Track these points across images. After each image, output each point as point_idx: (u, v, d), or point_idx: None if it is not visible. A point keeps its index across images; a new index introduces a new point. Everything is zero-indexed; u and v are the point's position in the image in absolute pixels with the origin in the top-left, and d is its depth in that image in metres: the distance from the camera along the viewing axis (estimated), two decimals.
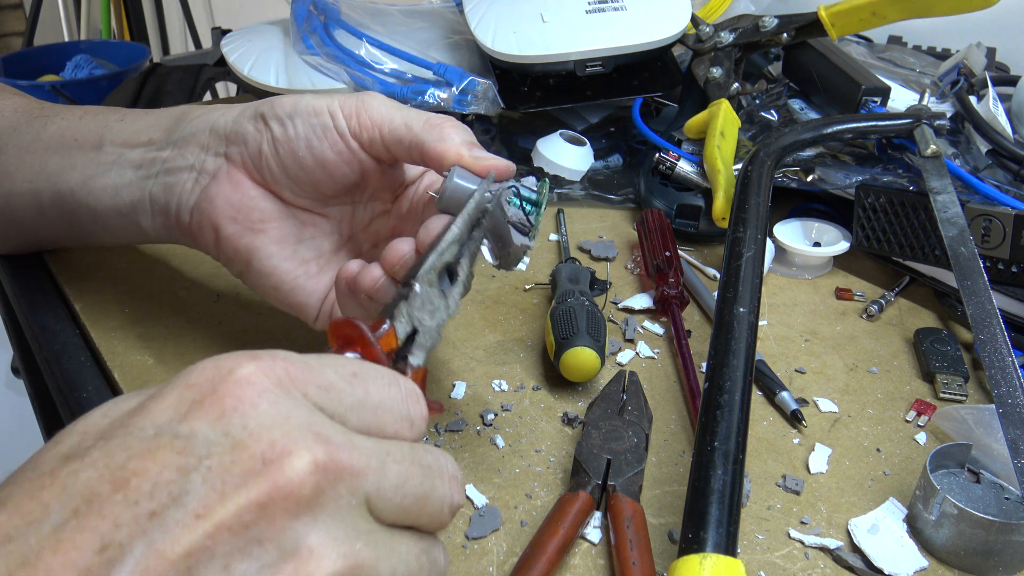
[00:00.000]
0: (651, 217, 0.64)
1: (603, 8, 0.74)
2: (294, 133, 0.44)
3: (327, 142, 0.44)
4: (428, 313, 0.34)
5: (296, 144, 0.44)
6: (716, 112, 0.67)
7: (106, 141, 0.50)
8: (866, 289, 0.63)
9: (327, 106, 0.44)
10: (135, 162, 0.49)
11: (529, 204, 0.45)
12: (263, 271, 0.47)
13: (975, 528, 0.38)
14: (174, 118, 0.49)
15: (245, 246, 0.46)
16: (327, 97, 0.45)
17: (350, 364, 0.28)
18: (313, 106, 0.44)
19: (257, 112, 0.46)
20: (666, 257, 0.59)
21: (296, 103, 0.45)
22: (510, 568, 0.38)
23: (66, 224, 0.54)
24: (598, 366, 0.49)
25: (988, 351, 0.46)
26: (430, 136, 0.43)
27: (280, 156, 0.45)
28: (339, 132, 0.44)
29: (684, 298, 0.58)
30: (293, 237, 0.47)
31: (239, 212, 0.46)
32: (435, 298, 0.34)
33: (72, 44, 2.13)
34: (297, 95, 0.46)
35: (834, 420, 0.49)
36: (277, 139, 0.45)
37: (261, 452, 0.23)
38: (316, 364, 0.26)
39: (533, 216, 0.45)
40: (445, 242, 0.36)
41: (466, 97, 0.73)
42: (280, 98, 0.45)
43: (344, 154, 0.45)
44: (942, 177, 0.58)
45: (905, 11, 0.66)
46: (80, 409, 0.48)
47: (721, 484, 0.36)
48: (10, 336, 0.76)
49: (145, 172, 0.49)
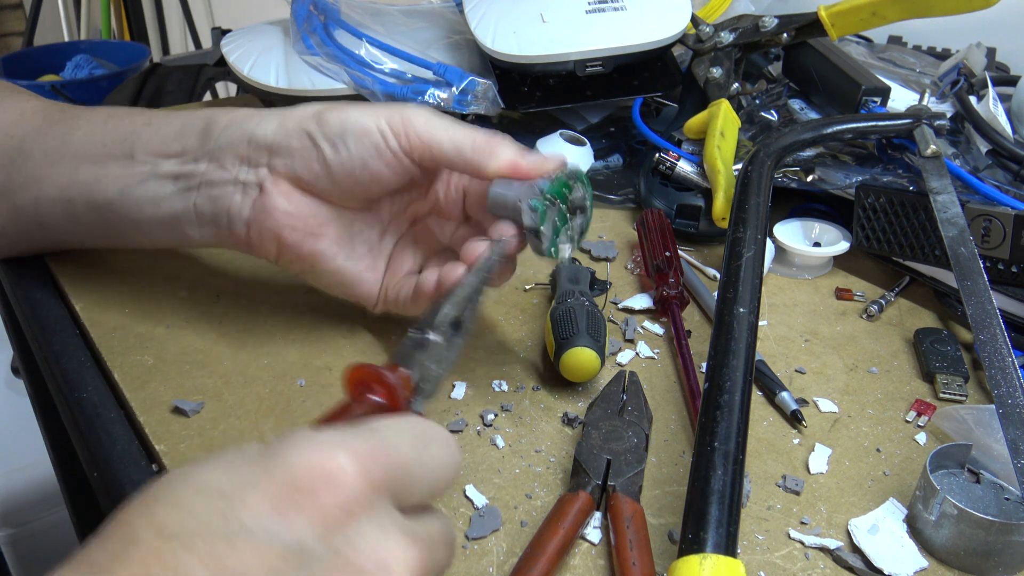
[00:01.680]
0: (651, 217, 0.64)
1: (603, 8, 0.74)
2: (347, 155, 0.46)
3: (381, 161, 0.46)
4: (435, 362, 0.35)
5: (352, 165, 0.46)
6: (716, 112, 0.67)
7: (137, 149, 0.51)
8: (866, 289, 0.63)
9: (376, 126, 0.46)
10: (172, 174, 0.50)
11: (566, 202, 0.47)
12: (329, 271, 0.50)
13: (975, 528, 0.38)
14: (203, 125, 0.50)
15: (309, 251, 0.49)
16: (373, 113, 0.46)
17: (411, 427, 0.29)
18: (363, 125, 0.46)
19: (302, 128, 0.47)
20: (666, 257, 0.59)
21: (344, 123, 0.46)
22: (510, 568, 0.38)
23: (104, 231, 0.55)
24: (598, 366, 0.49)
25: (988, 351, 0.46)
26: (482, 158, 0.46)
27: (333, 174, 0.47)
28: (392, 152, 0.46)
29: (684, 298, 0.58)
30: (347, 235, 0.50)
31: (297, 221, 0.48)
32: (443, 348, 0.36)
33: (72, 44, 2.13)
34: (339, 109, 0.47)
35: (834, 420, 0.49)
36: (329, 160, 0.46)
37: (363, 565, 0.24)
38: (392, 441, 0.28)
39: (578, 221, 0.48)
40: (460, 295, 0.38)
41: (466, 97, 0.73)
42: (325, 115, 0.47)
43: (396, 169, 0.47)
44: (942, 177, 0.58)
45: (905, 11, 0.66)
46: (80, 409, 0.49)
47: (721, 484, 0.36)
48: (10, 336, 0.76)
49: (185, 184, 0.50)
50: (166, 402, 0.48)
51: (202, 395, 0.49)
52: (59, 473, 0.93)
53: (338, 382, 0.51)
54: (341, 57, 0.75)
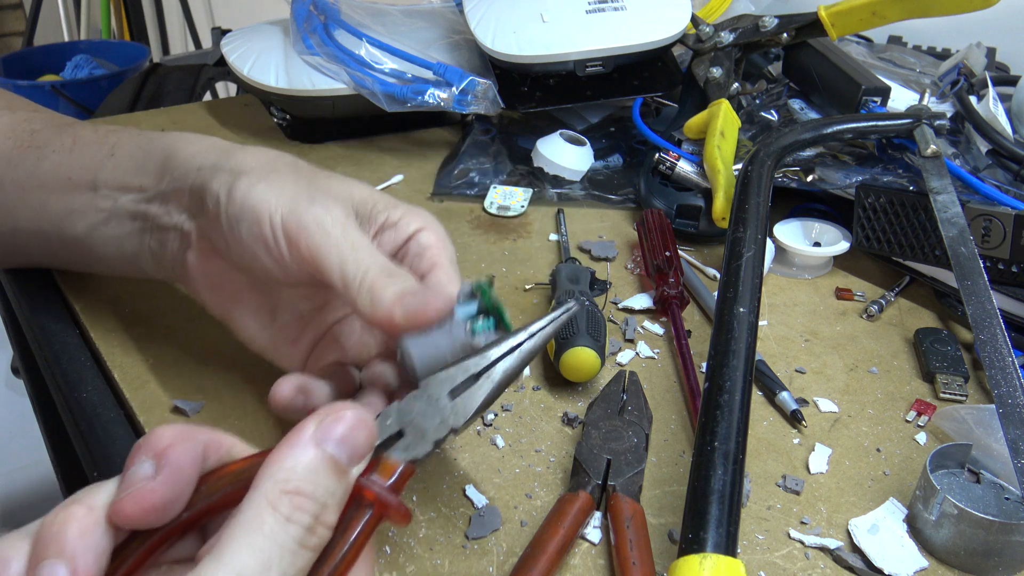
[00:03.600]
0: (651, 217, 0.64)
1: (603, 8, 0.74)
2: (239, 241, 0.41)
3: (270, 257, 0.41)
4: (422, 418, 0.32)
5: (243, 251, 0.41)
6: (716, 112, 0.67)
7: (100, 183, 0.49)
8: (866, 289, 0.63)
9: (270, 219, 0.40)
10: (131, 213, 0.48)
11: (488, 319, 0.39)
12: (244, 338, 0.46)
13: (975, 528, 0.38)
14: (161, 159, 0.47)
15: (223, 314, 0.46)
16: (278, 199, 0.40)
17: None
18: (257, 215, 0.40)
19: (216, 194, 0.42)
20: (666, 257, 0.59)
21: (244, 202, 0.40)
22: (510, 568, 0.38)
23: (78, 263, 0.55)
24: (598, 366, 0.49)
25: (988, 351, 0.46)
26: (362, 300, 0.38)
27: (233, 253, 0.42)
28: (280, 252, 0.40)
29: (684, 298, 0.58)
30: (269, 305, 0.46)
31: (213, 283, 0.45)
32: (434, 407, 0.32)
33: (72, 44, 2.13)
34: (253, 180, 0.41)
35: (834, 420, 0.49)
36: (227, 239, 0.42)
37: None
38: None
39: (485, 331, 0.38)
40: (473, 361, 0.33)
41: (466, 97, 0.73)
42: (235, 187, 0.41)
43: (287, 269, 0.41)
44: (942, 177, 0.58)
45: (905, 11, 0.66)
46: (80, 409, 0.49)
47: (721, 484, 0.36)
48: (10, 336, 0.76)
49: (140, 225, 0.48)
50: (166, 402, 0.48)
51: (202, 395, 0.49)
52: (59, 473, 0.93)
53: None
54: (341, 57, 0.75)
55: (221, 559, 0.26)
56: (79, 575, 0.26)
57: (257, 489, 0.27)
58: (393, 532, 0.41)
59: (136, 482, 0.28)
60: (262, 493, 0.27)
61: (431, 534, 0.41)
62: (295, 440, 0.28)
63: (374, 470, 0.30)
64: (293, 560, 0.27)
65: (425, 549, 0.40)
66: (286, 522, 0.27)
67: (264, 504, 0.27)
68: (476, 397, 0.33)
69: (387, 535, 0.41)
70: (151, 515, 0.28)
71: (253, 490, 0.27)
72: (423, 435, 0.32)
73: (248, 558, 0.26)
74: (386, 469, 0.30)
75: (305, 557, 0.27)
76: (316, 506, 0.27)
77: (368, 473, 0.30)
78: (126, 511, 0.27)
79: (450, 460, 0.45)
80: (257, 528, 0.26)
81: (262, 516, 0.26)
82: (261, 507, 0.27)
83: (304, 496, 0.27)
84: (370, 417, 0.30)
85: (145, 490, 0.28)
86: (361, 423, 0.29)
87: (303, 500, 0.27)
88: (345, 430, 0.29)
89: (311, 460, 0.28)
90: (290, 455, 0.28)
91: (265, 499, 0.27)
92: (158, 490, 0.28)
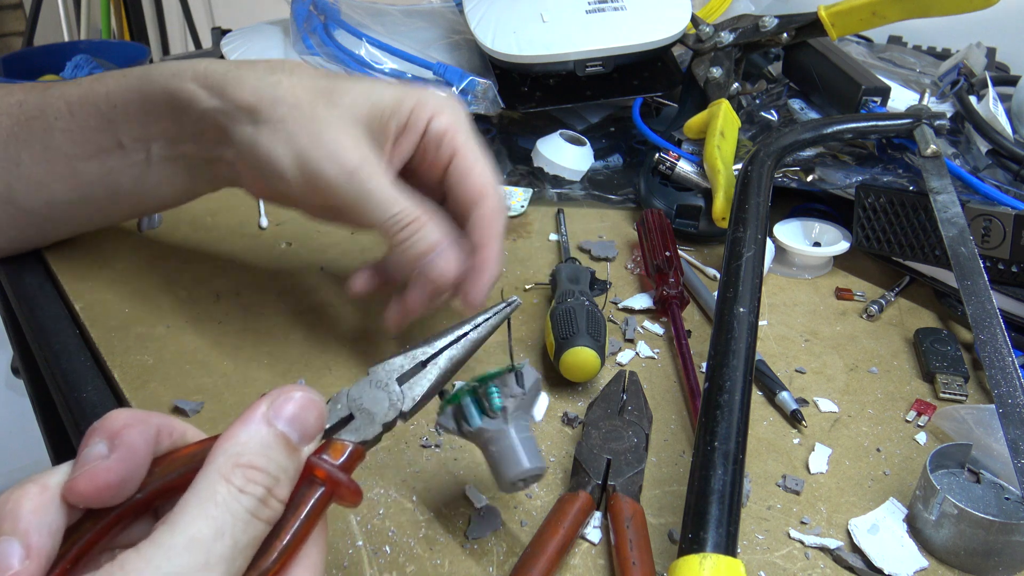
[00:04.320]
0: (651, 217, 0.64)
1: (603, 8, 0.74)
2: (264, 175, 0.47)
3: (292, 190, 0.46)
4: (371, 403, 0.33)
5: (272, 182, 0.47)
6: (716, 112, 0.67)
7: (123, 138, 0.52)
8: (866, 289, 0.63)
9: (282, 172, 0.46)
10: (169, 157, 0.52)
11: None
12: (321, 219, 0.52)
13: (975, 528, 0.38)
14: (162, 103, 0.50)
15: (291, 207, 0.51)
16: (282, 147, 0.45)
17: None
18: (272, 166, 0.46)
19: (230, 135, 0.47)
20: (666, 257, 0.59)
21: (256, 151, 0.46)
22: (510, 568, 0.38)
23: (130, 213, 0.59)
24: (598, 366, 0.49)
25: (988, 351, 0.46)
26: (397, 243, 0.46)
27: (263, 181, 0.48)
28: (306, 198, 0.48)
29: (684, 298, 0.58)
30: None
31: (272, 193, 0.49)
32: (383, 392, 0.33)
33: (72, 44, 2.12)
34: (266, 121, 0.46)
35: (834, 420, 0.49)
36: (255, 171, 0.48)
37: None
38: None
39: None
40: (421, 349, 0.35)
41: (466, 97, 0.73)
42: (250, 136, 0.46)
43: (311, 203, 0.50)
44: (942, 177, 0.58)
45: (905, 11, 0.66)
46: (80, 409, 0.48)
47: (721, 484, 0.36)
48: (10, 336, 0.76)
49: (186, 164, 0.52)
50: (166, 402, 0.48)
51: (202, 395, 0.49)
52: None
53: (339, 382, 0.51)
54: (341, 57, 0.75)
55: (175, 527, 0.26)
56: (32, 551, 0.27)
57: (211, 463, 0.28)
58: (393, 532, 0.41)
59: (90, 461, 0.28)
60: (215, 467, 0.28)
61: (431, 534, 0.41)
62: (247, 418, 0.29)
63: (325, 451, 0.31)
64: (246, 528, 0.27)
65: (425, 549, 0.40)
66: (239, 493, 0.27)
67: (217, 476, 0.27)
68: (423, 383, 0.34)
69: (387, 535, 0.41)
70: (105, 493, 0.28)
71: (207, 465, 0.28)
72: (372, 419, 0.33)
73: (202, 525, 0.26)
74: (336, 450, 0.31)
75: (258, 527, 0.28)
76: (269, 479, 0.28)
77: (319, 454, 0.31)
78: (80, 488, 0.28)
79: (450, 460, 0.45)
80: (210, 498, 0.27)
81: (215, 487, 0.27)
82: (214, 479, 0.27)
83: (257, 469, 0.28)
84: (320, 399, 0.31)
85: (99, 468, 0.28)
86: (311, 403, 0.30)
87: (256, 473, 0.28)
88: (296, 409, 0.29)
89: (263, 436, 0.29)
90: (243, 431, 0.29)
91: (218, 472, 0.27)
92: (112, 468, 0.28)
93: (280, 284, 0.60)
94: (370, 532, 0.41)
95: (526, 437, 0.37)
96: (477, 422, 0.37)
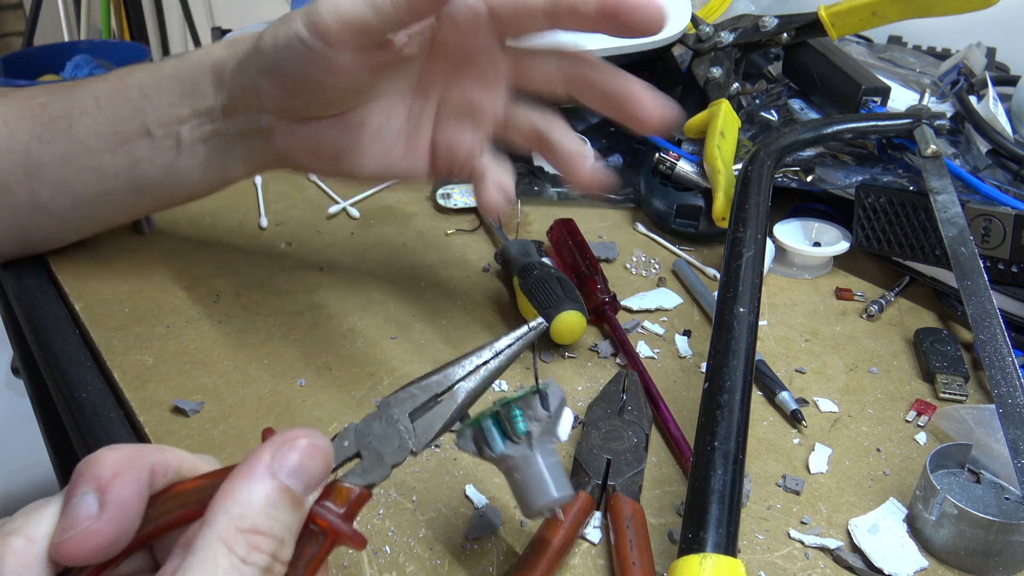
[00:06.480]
0: (559, 228, 0.64)
1: None
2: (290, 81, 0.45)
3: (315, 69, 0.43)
4: (380, 440, 0.31)
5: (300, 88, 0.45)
6: (716, 112, 0.67)
7: (151, 125, 0.51)
8: (866, 289, 0.63)
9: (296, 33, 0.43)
10: (202, 138, 0.51)
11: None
12: (364, 177, 0.50)
13: (975, 528, 0.38)
14: (202, 78, 0.50)
15: (332, 170, 0.50)
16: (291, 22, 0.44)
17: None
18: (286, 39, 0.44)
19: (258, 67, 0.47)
20: (588, 264, 0.59)
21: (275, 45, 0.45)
22: (510, 568, 0.38)
23: (157, 205, 0.57)
24: (585, 326, 0.52)
25: (988, 351, 0.46)
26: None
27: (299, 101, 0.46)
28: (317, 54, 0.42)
29: (617, 303, 0.57)
30: (367, 137, 0.49)
31: (311, 150, 0.49)
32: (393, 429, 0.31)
33: (72, 44, 2.12)
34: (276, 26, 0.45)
35: (834, 420, 0.49)
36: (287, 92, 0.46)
37: None
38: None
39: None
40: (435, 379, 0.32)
41: None
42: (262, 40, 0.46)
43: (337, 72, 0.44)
44: (942, 177, 0.58)
45: (905, 11, 0.66)
46: (80, 409, 0.48)
47: (721, 484, 0.36)
48: (10, 336, 0.76)
49: (220, 143, 0.51)
50: (166, 402, 0.48)
51: (202, 395, 0.49)
52: (59, 473, 0.93)
53: (339, 382, 0.51)
54: None
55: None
56: None
57: (211, 526, 0.26)
58: (393, 532, 0.41)
59: (80, 521, 0.26)
60: (215, 531, 0.25)
61: (431, 534, 0.41)
62: (249, 472, 0.27)
63: (328, 496, 0.29)
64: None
65: (425, 549, 0.40)
66: (242, 564, 0.25)
67: (219, 544, 0.25)
68: (437, 420, 0.32)
69: (387, 535, 0.41)
70: (96, 555, 0.26)
71: (206, 527, 0.26)
72: (380, 459, 0.31)
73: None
74: (340, 495, 0.29)
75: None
76: (273, 544, 0.26)
77: (322, 499, 0.29)
78: (69, 552, 0.26)
79: (450, 460, 0.45)
80: (211, 571, 0.25)
81: (217, 557, 0.25)
82: (215, 548, 0.25)
83: (261, 534, 0.26)
84: (326, 443, 0.29)
85: (90, 531, 0.26)
86: (316, 450, 0.28)
87: (260, 539, 0.26)
88: (301, 458, 0.27)
89: (268, 494, 0.26)
90: (245, 487, 0.26)
91: (219, 538, 0.25)
92: (103, 530, 0.26)
93: (280, 284, 0.60)
94: (370, 532, 0.41)
95: (553, 463, 0.35)
96: (500, 448, 0.34)
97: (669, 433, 0.47)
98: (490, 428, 0.35)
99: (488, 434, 0.34)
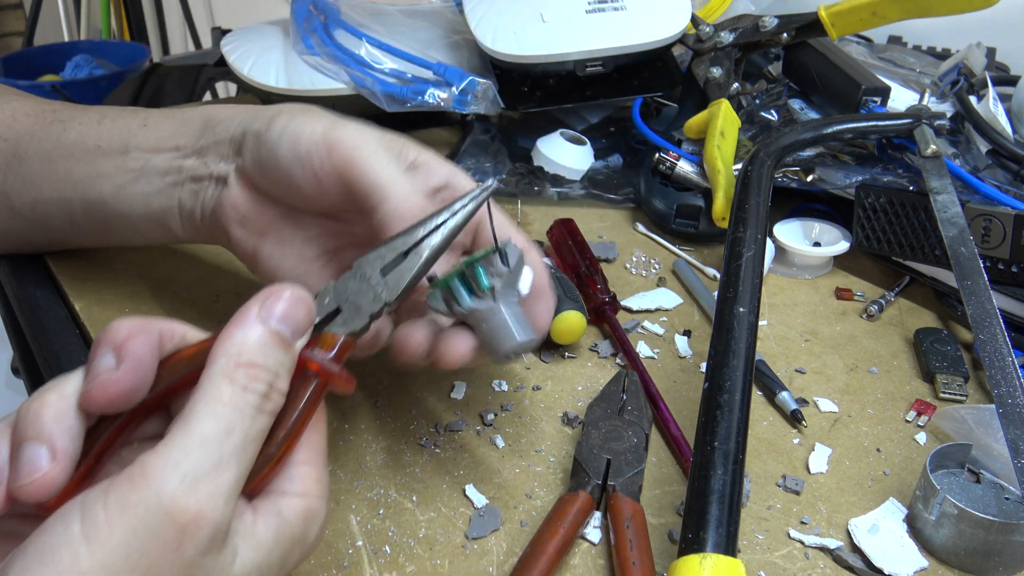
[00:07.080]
0: (559, 228, 0.64)
1: (603, 8, 0.74)
2: (276, 162, 0.44)
3: (303, 176, 0.43)
4: (357, 295, 0.35)
5: (279, 174, 0.44)
6: (716, 112, 0.67)
7: (131, 146, 0.51)
8: (866, 289, 0.63)
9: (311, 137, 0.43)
10: (162, 169, 0.50)
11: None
12: (268, 270, 0.48)
13: (975, 528, 0.38)
14: (200, 124, 0.49)
15: (251, 249, 0.48)
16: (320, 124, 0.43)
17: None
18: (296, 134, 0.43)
19: (252, 129, 0.46)
20: (588, 263, 0.59)
21: (286, 127, 0.44)
22: (510, 568, 0.38)
23: (98, 231, 0.55)
24: (585, 325, 0.52)
25: (988, 351, 0.46)
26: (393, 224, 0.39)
27: (269, 178, 0.45)
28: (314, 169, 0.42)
29: (617, 303, 0.57)
30: (298, 239, 0.48)
31: (244, 218, 0.47)
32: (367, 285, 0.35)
33: (72, 44, 2.13)
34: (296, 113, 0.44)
35: (834, 420, 0.49)
36: (265, 164, 0.45)
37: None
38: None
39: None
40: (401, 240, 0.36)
41: (466, 97, 0.73)
42: (278, 117, 0.45)
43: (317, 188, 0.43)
44: (942, 177, 0.58)
45: (905, 11, 0.66)
46: None
47: (721, 484, 0.36)
48: (10, 336, 0.76)
49: (173, 179, 0.50)
50: None
51: None
52: None
53: None
54: (341, 57, 0.75)
55: (187, 428, 0.28)
56: (57, 454, 0.29)
57: (213, 365, 0.30)
58: (393, 532, 0.41)
59: (100, 374, 0.30)
60: (218, 368, 0.30)
61: (431, 534, 0.41)
62: (242, 320, 0.31)
63: (316, 344, 0.33)
64: (252, 423, 0.29)
65: (425, 549, 0.40)
66: (243, 391, 0.29)
67: (221, 377, 0.29)
68: (406, 273, 0.35)
69: (387, 535, 0.41)
70: (117, 401, 0.30)
71: (209, 366, 0.30)
72: (359, 310, 0.34)
73: (212, 424, 0.28)
74: (327, 342, 0.33)
75: (263, 420, 0.30)
76: (269, 375, 0.30)
77: (311, 347, 0.32)
78: (94, 399, 0.30)
79: (450, 460, 0.45)
80: (217, 398, 0.29)
81: (220, 387, 0.29)
82: (219, 380, 0.29)
83: (257, 367, 0.30)
84: (308, 295, 0.32)
85: (110, 380, 0.30)
86: (300, 300, 0.32)
87: (256, 370, 0.30)
88: (286, 307, 0.31)
89: (259, 335, 0.31)
90: (240, 332, 0.30)
91: (222, 373, 0.29)
92: (122, 379, 0.30)
93: None
94: (370, 532, 0.41)
95: (515, 312, 0.38)
96: (468, 303, 0.38)
97: (669, 433, 0.47)
98: (457, 287, 0.38)
99: (456, 292, 0.38)
